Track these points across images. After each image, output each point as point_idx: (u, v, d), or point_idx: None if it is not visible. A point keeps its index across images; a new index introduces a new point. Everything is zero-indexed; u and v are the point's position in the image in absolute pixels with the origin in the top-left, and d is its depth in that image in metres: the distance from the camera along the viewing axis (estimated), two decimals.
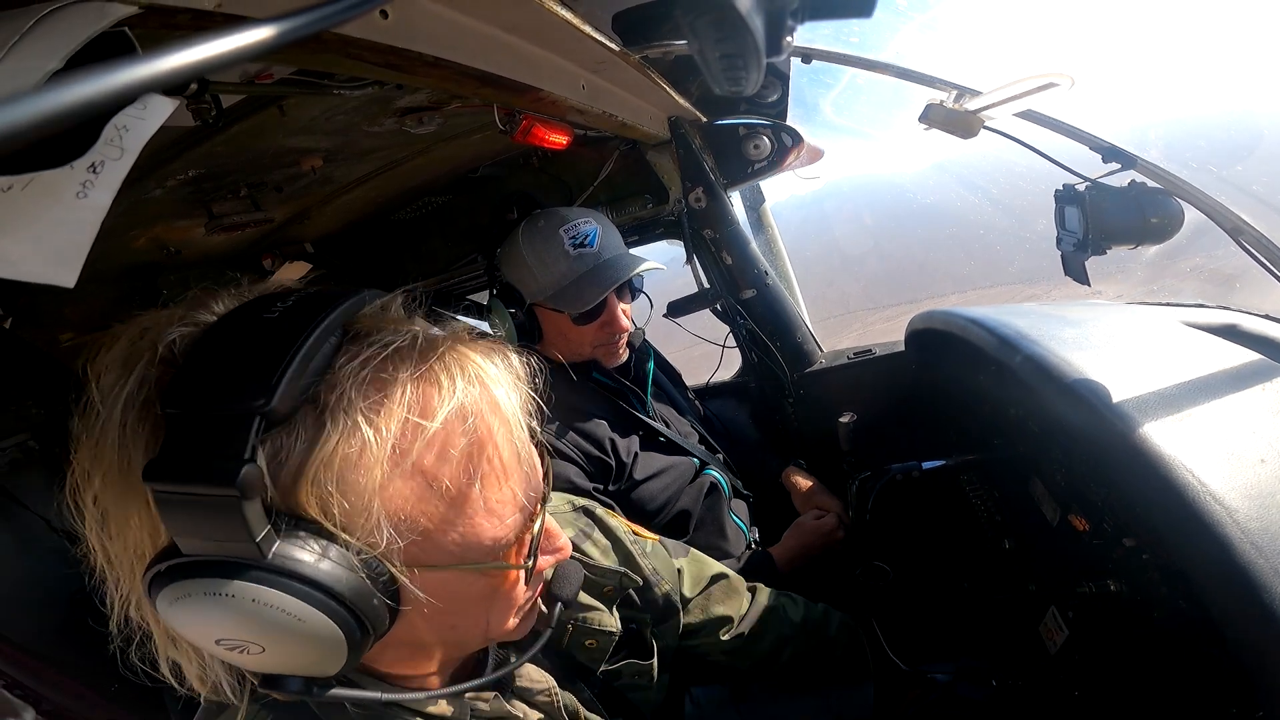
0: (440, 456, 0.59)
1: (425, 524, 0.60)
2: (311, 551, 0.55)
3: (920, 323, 1.77)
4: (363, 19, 0.70)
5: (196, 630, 0.56)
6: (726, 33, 0.36)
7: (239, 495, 0.49)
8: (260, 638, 0.55)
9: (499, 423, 0.64)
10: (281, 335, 0.54)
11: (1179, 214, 1.33)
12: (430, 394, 0.59)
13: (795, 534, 1.76)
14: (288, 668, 0.60)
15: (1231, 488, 0.82)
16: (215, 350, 0.55)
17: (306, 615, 0.54)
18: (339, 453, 0.55)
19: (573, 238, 1.66)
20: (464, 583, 0.66)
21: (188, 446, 0.51)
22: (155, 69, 0.25)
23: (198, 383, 0.53)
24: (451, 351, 0.62)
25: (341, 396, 0.55)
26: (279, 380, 0.51)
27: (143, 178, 1.36)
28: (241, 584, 0.53)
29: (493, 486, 0.63)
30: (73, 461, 0.59)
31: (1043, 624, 1.23)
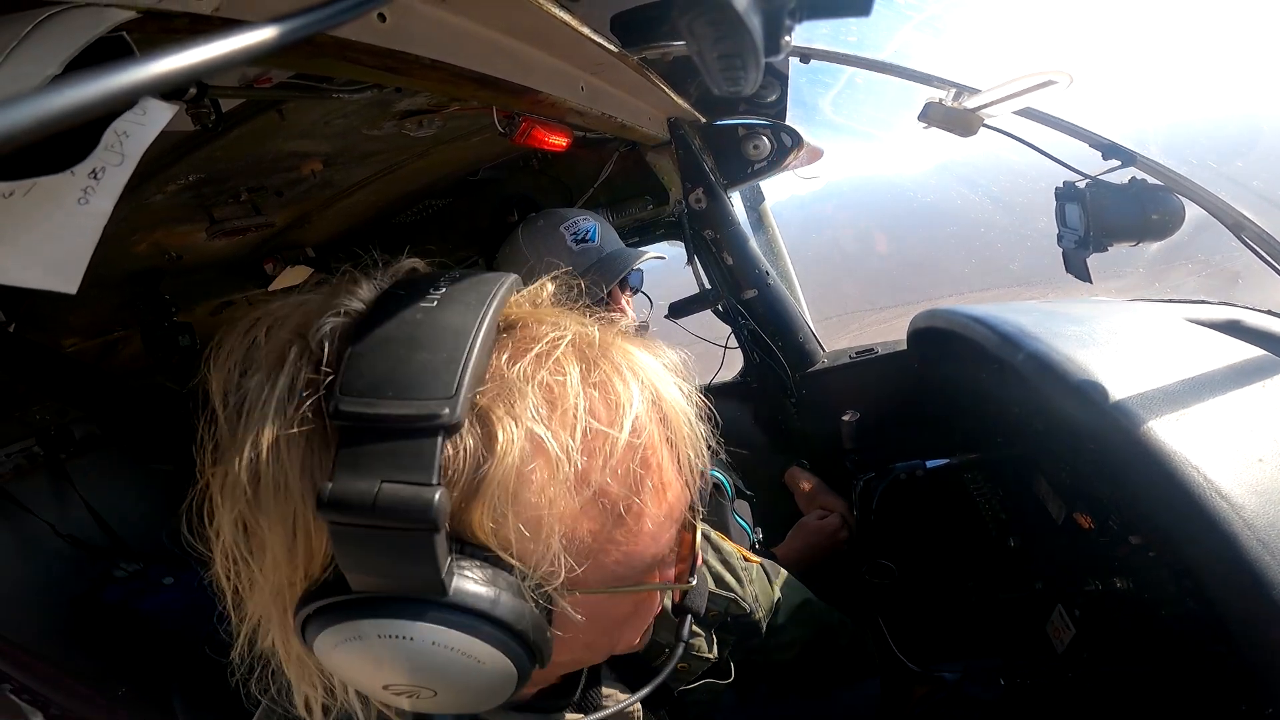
0: (617, 473, 0.53)
1: (590, 543, 0.53)
2: (488, 584, 0.48)
3: (922, 321, 1.76)
4: (360, 22, 0.70)
5: (364, 673, 0.50)
6: (724, 33, 0.36)
7: (431, 528, 0.43)
8: (437, 682, 0.50)
9: (668, 430, 0.57)
10: (450, 331, 0.48)
11: (1180, 210, 1.32)
12: (608, 401, 0.53)
13: (799, 534, 1.76)
14: (456, 708, 0.53)
15: (1238, 484, 0.81)
16: (380, 348, 0.48)
17: (487, 657, 0.49)
18: (516, 470, 0.48)
19: (574, 233, 1.68)
20: (614, 603, 0.60)
21: (367, 468, 0.44)
22: (153, 72, 0.25)
23: (369, 389, 0.46)
24: (617, 349, 0.56)
25: (512, 404, 0.49)
26: (459, 386, 0.45)
27: (143, 183, 1.37)
28: (423, 625, 0.47)
29: (656, 501, 0.57)
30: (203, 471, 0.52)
31: (1049, 623, 1.23)
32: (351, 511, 0.44)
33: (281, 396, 0.48)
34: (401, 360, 0.46)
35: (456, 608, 0.47)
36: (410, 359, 0.46)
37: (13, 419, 1.96)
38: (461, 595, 0.47)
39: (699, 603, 0.78)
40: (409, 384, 0.45)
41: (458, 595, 0.47)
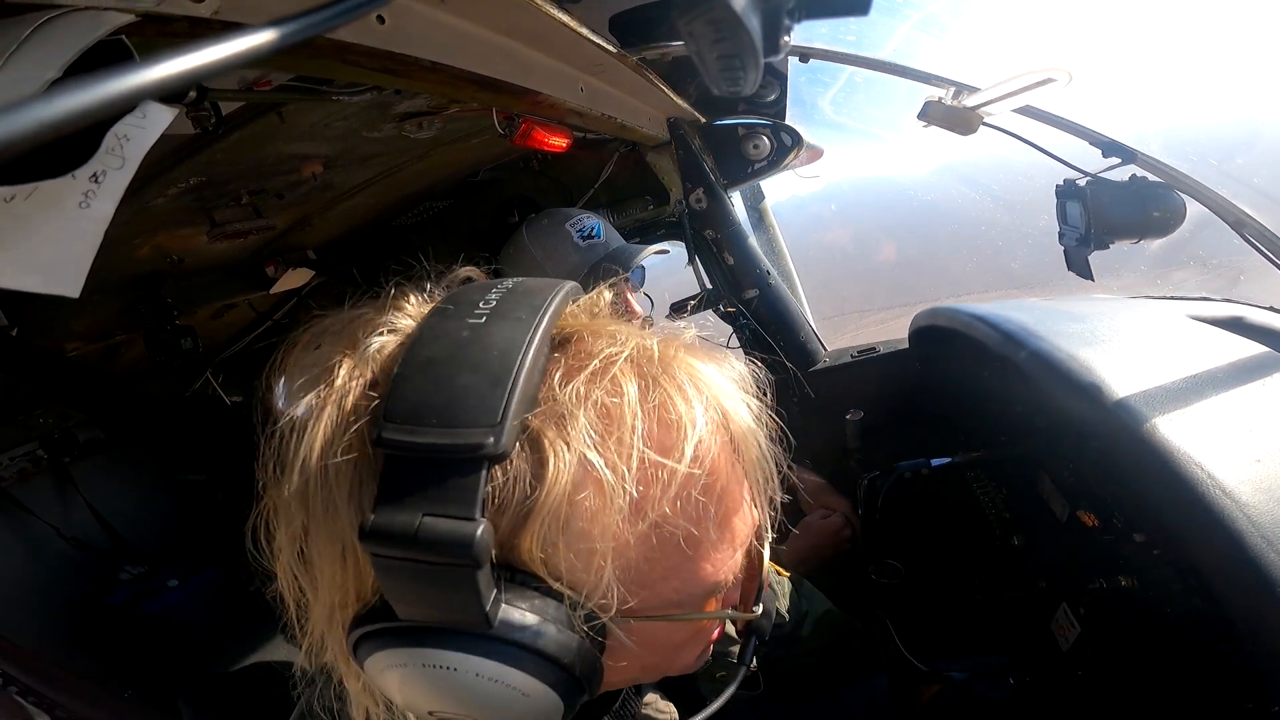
0: (676, 503, 0.50)
1: (646, 570, 0.51)
2: (537, 615, 0.47)
3: (924, 320, 1.76)
4: (359, 24, 0.70)
5: (411, 698, 0.50)
6: (723, 33, 0.36)
7: (473, 565, 0.42)
8: (481, 712, 0.49)
9: (735, 452, 0.54)
10: (498, 351, 0.46)
11: (1181, 207, 1.32)
12: (667, 424, 0.50)
13: (802, 534, 1.75)
14: None
15: (1242, 481, 0.81)
16: (425, 371, 0.46)
17: (532, 689, 0.47)
18: (569, 498, 0.46)
19: (579, 231, 1.70)
20: (676, 629, 0.57)
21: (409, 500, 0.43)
22: (153, 76, 0.25)
23: (412, 415, 0.44)
24: (680, 365, 0.53)
25: (565, 428, 0.47)
26: (505, 413, 0.43)
27: (144, 186, 1.37)
28: (465, 657, 0.46)
29: (720, 530, 0.53)
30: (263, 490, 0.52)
31: (1054, 621, 1.23)
32: (392, 544, 0.43)
33: (331, 418, 0.48)
34: (445, 384, 0.45)
35: (501, 640, 0.46)
36: (454, 383, 0.45)
37: (16, 423, 1.96)
38: (508, 629, 0.46)
39: (766, 624, 0.73)
40: (453, 411, 0.44)
41: (503, 629, 0.46)
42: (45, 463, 2.03)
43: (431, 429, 0.44)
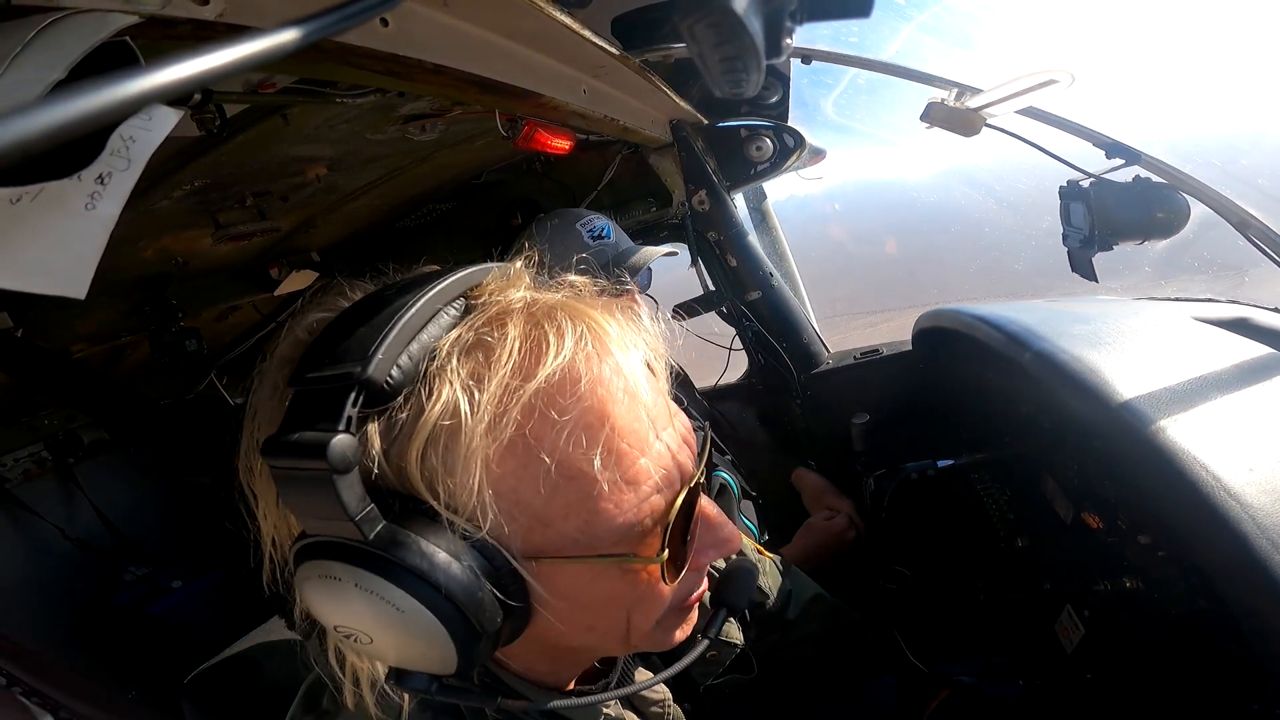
0: (545, 426, 0.53)
1: (540, 507, 0.54)
2: (418, 536, 0.51)
3: (927, 321, 1.76)
4: (363, 27, 0.70)
5: (322, 615, 0.54)
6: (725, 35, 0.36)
7: (329, 469, 0.47)
8: (365, 626, 0.52)
9: (622, 388, 0.56)
10: (387, 308, 0.54)
11: (1185, 208, 1.32)
12: (536, 355, 0.54)
13: (806, 535, 1.75)
14: (401, 661, 0.56)
15: (1247, 483, 0.81)
16: (335, 330, 0.55)
17: (406, 605, 0.50)
18: (439, 424, 0.51)
19: (589, 231, 1.70)
20: (597, 577, 0.58)
21: (294, 421, 0.50)
22: (159, 80, 0.25)
23: (315, 359, 0.53)
24: (566, 309, 0.57)
25: (444, 366, 0.53)
26: (376, 349, 0.50)
27: (149, 189, 1.38)
28: (344, 566, 0.50)
29: (616, 464, 0.55)
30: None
31: (1058, 623, 1.22)
32: (275, 455, 0.50)
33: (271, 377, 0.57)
34: (343, 336, 0.53)
35: (378, 554, 0.50)
36: (352, 333, 0.53)
37: (21, 424, 1.97)
38: (386, 542, 0.50)
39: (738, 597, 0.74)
40: (340, 352, 0.52)
41: (383, 541, 0.50)
42: (50, 464, 2.04)
43: (317, 369, 0.52)
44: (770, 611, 1.09)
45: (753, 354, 2.33)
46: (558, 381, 0.54)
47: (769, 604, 1.09)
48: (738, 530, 0.68)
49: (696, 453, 0.64)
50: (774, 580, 1.12)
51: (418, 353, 0.53)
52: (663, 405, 0.61)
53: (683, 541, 0.62)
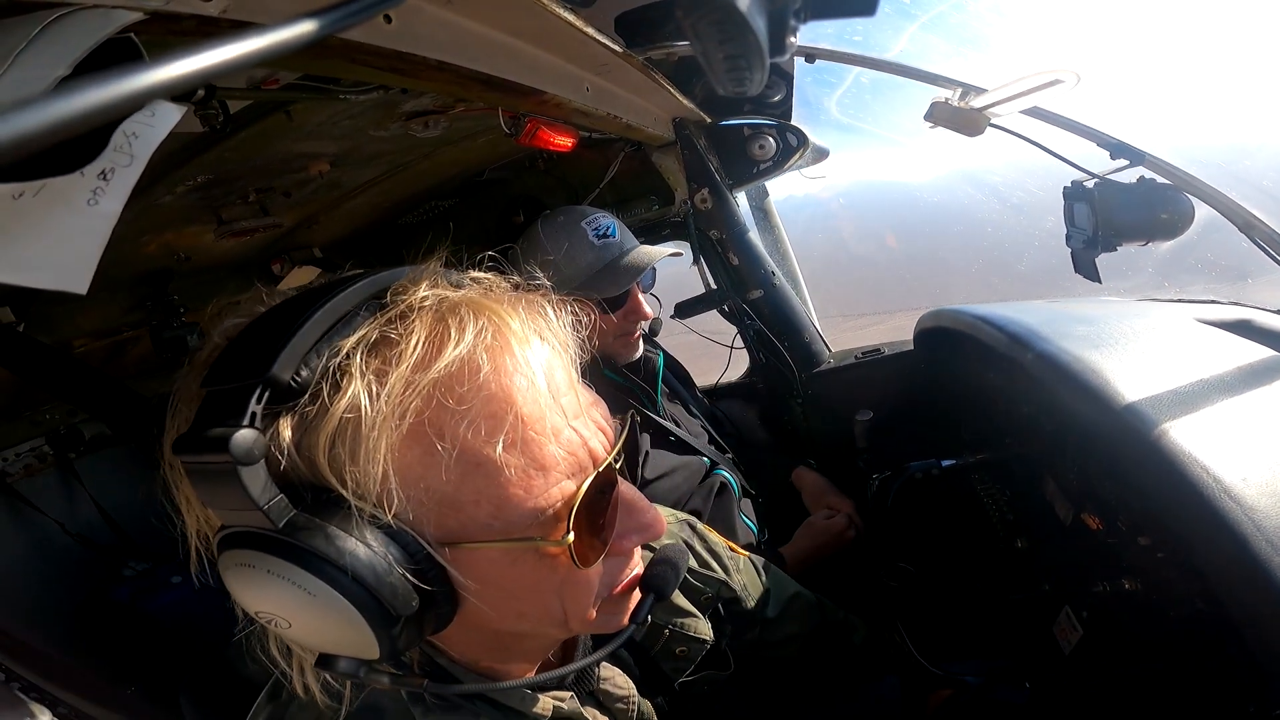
0: (445, 412, 0.56)
1: (450, 493, 0.56)
2: (328, 523, 0.53)
3: (929, 321, 1.76)
4: (367, 24, 0.70)
5: (244, 603, 0.57)
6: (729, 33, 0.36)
7: (233, 461, 0.49)
8: (282, 611, 0.55)
9: (522, 378, 0.58)
10: (299, 312, 0.56)
11: (1189, 210, 1.32)
12: (437, 348, 0.56)
13: (806, 534, 1.76)
14: (323, 645, 0.58)
15: (1247, 485, 0.81)
16: (248, 334, 0.57)
17: (318, 590, 0.52)
18: (344, 416, 0.54)
19: (595, 229, 1.71)
20: (514, 561, 0.60)
21: (204, 420, 0.52)
22: (163, 75, 0.25)
23: (225, 361, 0.56)
24: (470, 304, 0.60)
25: (348, 362, 0.55)
26: (280, 348, 0.53)
27: (152, 184, 1.38)
28: (255, 554, 0.53)
29: (522, 450, 0.58)
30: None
31: (1056, 624, 1.22)
32: (184, 451, 0.52)
33: (188, 381, 0.59)
34: (254, 339, 0.56)
35: (287, 540, 0.52)
36: (260, 336, 0.56)
37: (22, 419, 1.97)
38: (296, 531, 0.52)
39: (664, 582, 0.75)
40: (250, 354, 0.54)
41: (287, 528, 0.52)
42: (51, 459, 2.04)
43: (226, 370, 0.55)
44: (746, 609, 1.09)
45: (754, 353, 2.33)
46: (455, 371, 0.56)
47: (745, 602, 1.09)
48: (660, 516, 0.71)
49: (613, 441, 0.66)
50: (749, 578, 1.12)
51: (326, 351, 0.55)
52: (573, 394, 0.63)
53: (598, 526, 0.64)
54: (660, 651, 0.92)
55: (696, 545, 1.04)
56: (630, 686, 0.84)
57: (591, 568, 0.63)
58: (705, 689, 0.98)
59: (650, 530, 0.69)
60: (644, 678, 0.89)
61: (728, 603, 1.06)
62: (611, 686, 0.83)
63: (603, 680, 0.82)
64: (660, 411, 1.83)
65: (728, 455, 1.92)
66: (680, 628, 0.93)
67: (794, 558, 1.70)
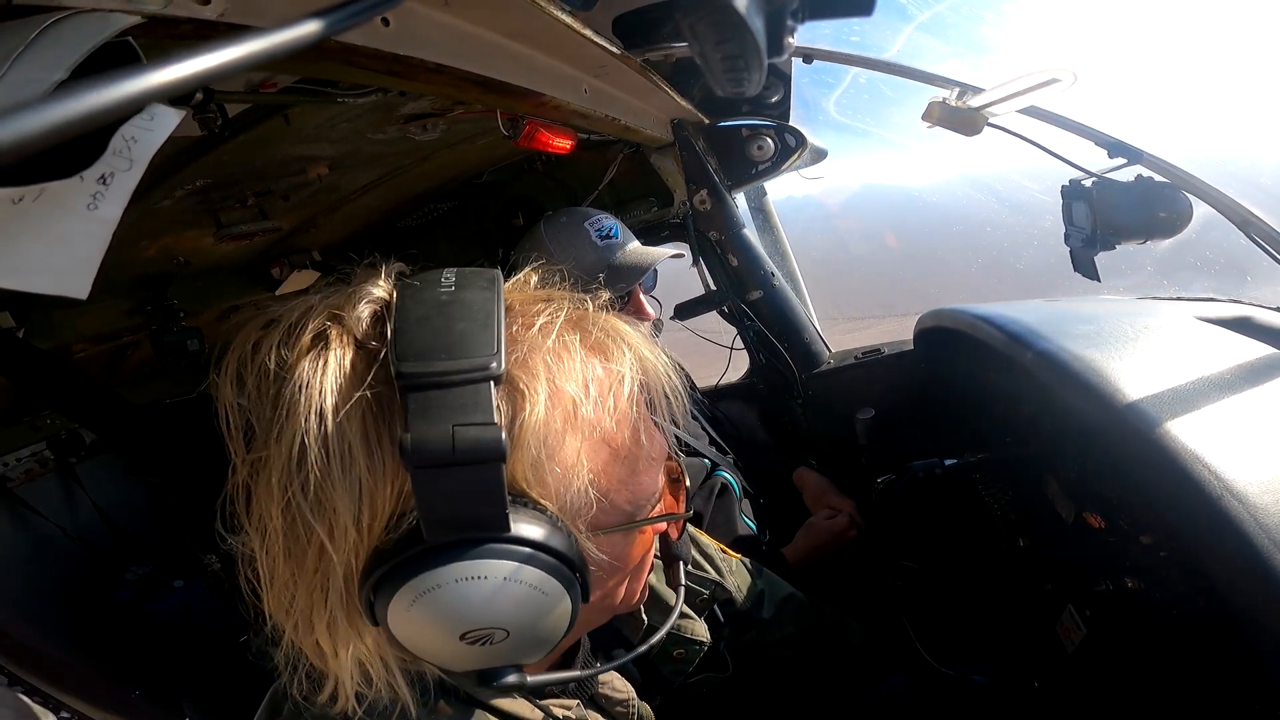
0: (619, 418, 0.61)
1: (606, 485, 0.60)
2: (538, 522, 0.53)
3: (929, 321, 1.76)
4: (364, 27, 0.70)
5: (442, 626, 0.53)
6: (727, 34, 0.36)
7: (500, 459, 0.49)
8: (509, 620, 0.53)
9: (648, 380, 0.64)
10: (476, 305, 0.54)
11: (1187, 208, 1.31)
12: (605, 359, 0.61)
13: (807, 534, 1.75)
14: (519, 654, 0.57)
15: (1249, 483, 0.81)
16: (421, 322, 0.53)
17: (550, 588, 0.54)
18: (543, 420, 0.54)
19: (598, 230, 1.72)
20: (628, 543, 0.66)
21: (436, 417, 0.49)
22: (160, 79, 0.25)
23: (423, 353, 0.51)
24: (602, 319, 0.64)
25: (532, 365, 0.56)
26: (499, 345, 0.52)
27: (151, 188, 1.38)
28: (493, 563, 0.51)
29: (650, 443, 0.64)
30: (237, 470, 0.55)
31: (1059, 623, 1.22)
32: (431, 453, 0.48)
33: (334, 372, 0.52)
34: (444, 329, 0.52)
35: (522, 542, 0.52)
36: (452, 328, 0.53)
37: (22, 423, 1.97)
38: (522, 531, 0.52)
39: (685, 551, 0.83)
40: (458, 345, 0.51)
41: (520, 531, 0.52)
42: (52, 463, 2.04)
43: (444, 360, 0.50)
44: (742, 610, 1.10)
45: (754, 353, 2.33)
46: (619, 382, 0.61)
47: (739, 603, 1.09)
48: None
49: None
50: (742, 580, 1.12)
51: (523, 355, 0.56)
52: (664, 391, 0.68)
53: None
54: (658, 654, 0.93)
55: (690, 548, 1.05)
56: (629, 690, 0.84)
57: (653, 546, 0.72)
58: (704, 691, 0.99)
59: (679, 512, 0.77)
60: (643, 680, 0.90)
61: (723, 604, 1.06)
62: (610, 690, 0.83)
63: (601, 684, 0.83)
64: None
65: (728, 456, 1.92)
66: (677, 629, 0.93)
67: (795, 558, 1.69)
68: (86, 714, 1.47)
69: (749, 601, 1.12)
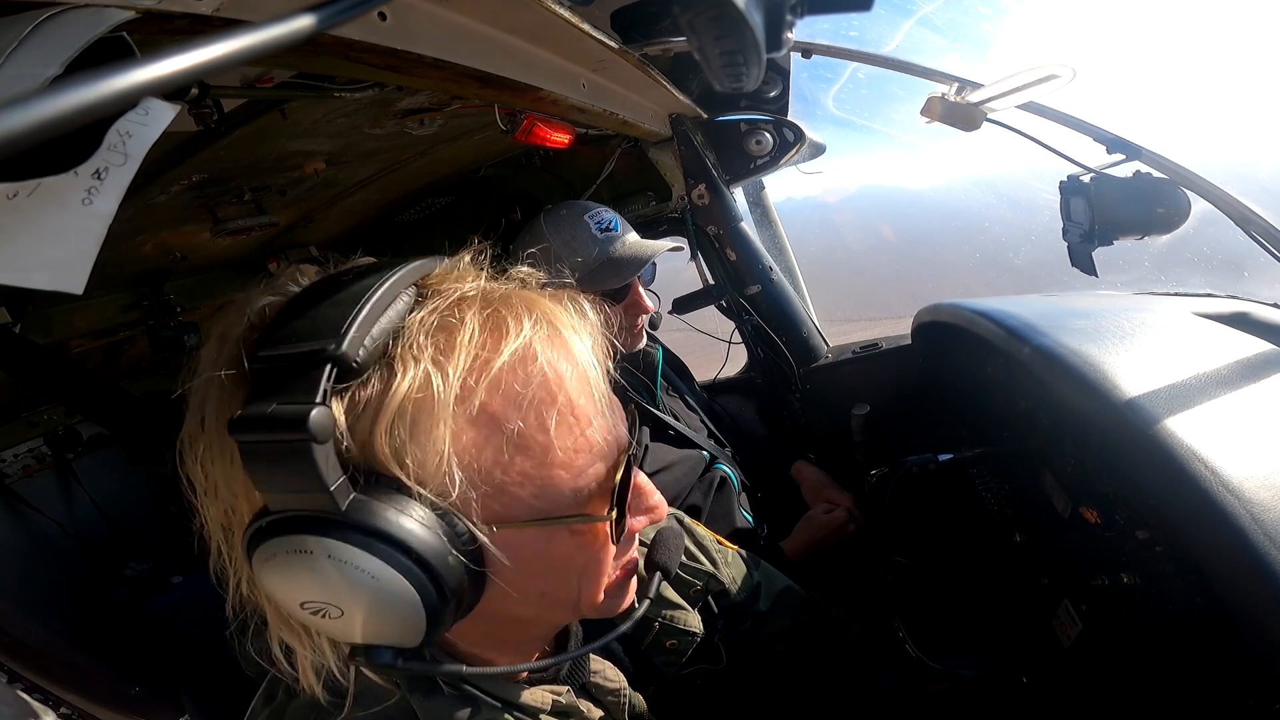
0: (508, 399, 0.57)
1: (500, 475, 0.58)
2: (388, 506, 0.53)
3: (927, 315, 1.76)
4: (361, 21, 0.70)
5: (285, 594, 0.55)
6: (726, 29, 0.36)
7: (309, 438, 0.49)
8: (338, 599, 0.54)
9: (570, 367, 0.61)
10: (351, 291, 0.56)
11: (1185, 204, 1.32)
12: (496, 336, 0.58)
13: (805, 528, 1.76)
14: (367, 633, 0.57)
15: (1245, 478, 0.81)
16: (294, 310, 0.57)
17: (382, 574, 0.52)
18: (408, 398, 0.54)
19: (598, 223, 1.73)
20: (548, 541, 0.62)
21: (266, 396, 0.51)
22: (154, 73, 0.25)
23: (276, 337, 0.55)
24: (519, 297, 0.62)
25: (410, 344, 0.55)
26: (347, 327, 0.52)
27: (147, 183, 1.37)
28: (317, 539, 0.52)
29: (567, 434, 0.60)
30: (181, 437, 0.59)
31: (1055, 618, 1.23)
32: (248, 429, 0.51)
33: (214, 357, 0.57)
34: (308, 315, 0.55)
35: (350, 524, 0.52)
36: (315, 313, 0.55)
37: (20, 420, 1.97)
38: (358, 513, 0.52)
39: (669, 558, 0.77)
40: (309, 330, 0.54)
41: (355, 513, 0.52)
42: (49, 459, 2.03)
43: (291, 344, 0.54)
44: (737, 602, 1.09)
45: (752, 348, 2.33)
46: (517, 359, 0.58)
47: (735, 595, 1.09)
48: (662, 499, 0.73)
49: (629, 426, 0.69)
50: (738, 572, 1.12)
51: (380, 333, 0.55)
52: (605, 384, 0.66)
53: (623, 506, 0.66)
54: (651, 645, 0.93)
55: (685, 539, 1.04)
56: (621, 680, 0.85)
57: (609, 547, 0.66)
58: (698, 682, 0.99)
59: (656, 512, 0.72)
60: (636, 671, 0.90)
61: (717, 596, 1.06)
62: (602, 679, 0.83)
63: (593, 674, 0.83)
64: (659, 406, 1.83)
65: (727, 450, 1.93)
66: (670, 620, 0.94)
67: (793, 552, 1.70)
68: (86, 710, 1.48)
69: (745, 593, 1.12)
